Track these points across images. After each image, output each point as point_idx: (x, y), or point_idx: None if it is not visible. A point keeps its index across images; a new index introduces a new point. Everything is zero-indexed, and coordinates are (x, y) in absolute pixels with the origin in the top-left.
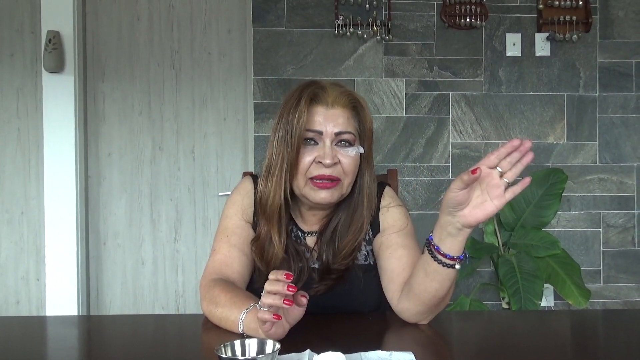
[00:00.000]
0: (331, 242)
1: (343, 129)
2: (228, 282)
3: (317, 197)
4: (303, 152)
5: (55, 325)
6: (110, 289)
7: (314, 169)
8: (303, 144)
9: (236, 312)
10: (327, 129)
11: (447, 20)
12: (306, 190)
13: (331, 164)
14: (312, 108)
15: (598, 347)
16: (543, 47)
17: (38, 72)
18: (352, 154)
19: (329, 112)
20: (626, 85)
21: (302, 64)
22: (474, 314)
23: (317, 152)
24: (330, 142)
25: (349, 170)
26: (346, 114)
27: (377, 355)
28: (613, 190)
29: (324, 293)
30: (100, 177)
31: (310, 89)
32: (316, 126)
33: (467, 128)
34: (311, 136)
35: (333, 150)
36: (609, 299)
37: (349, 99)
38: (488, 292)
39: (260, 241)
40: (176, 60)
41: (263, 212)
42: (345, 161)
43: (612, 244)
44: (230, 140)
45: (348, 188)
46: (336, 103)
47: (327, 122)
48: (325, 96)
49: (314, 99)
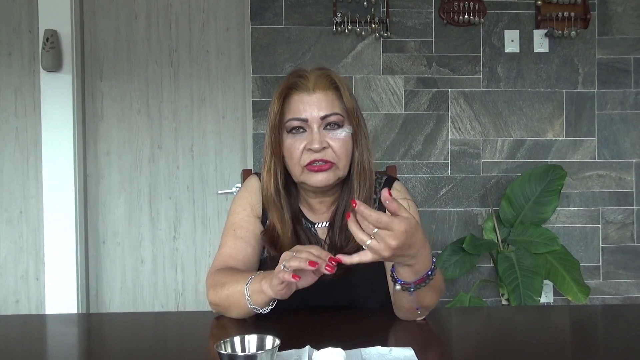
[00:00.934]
0: (342, 227)
1: (328, 111)
2: (233, 269)
3: (315, 180)
4: (293, 141)
5: (55, 324)
6: (110, 288)
7: (305, 157)
8: (292, 133)
9: (242, 282)
10: (312, 115)
11: (446, 17)
12: (303, 177)
13: (320, 148)
14: (293, 96)
15: (597, 342)
16: (541, 43)
17: (36, 71)
18: (341, 136)
19: (311, 97)
20: (625, 82)
21: (300, 61)
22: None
23: (305, 139)
24: (317, 127)
25: (340, 152)
26: (329, 96)
27: (377, 351)
28: (612, 187)
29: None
30: (99, 176)
31: (290, 79)
32: (300, 114)
33: (465, 125)
34: (298, 124)
35: (321, 134)
36: (608, 295)
37: (329, 81)
38: (487, 289)
39: (269, 232)
40: (174, 59)
41: (265, 203)
42: (335, 144)
43: (611, 240)
44: (229, 138)
45: (345, 169)
46: (317, 87)
47: (311, 108)
48: (305, 82)
49: (293, 87)
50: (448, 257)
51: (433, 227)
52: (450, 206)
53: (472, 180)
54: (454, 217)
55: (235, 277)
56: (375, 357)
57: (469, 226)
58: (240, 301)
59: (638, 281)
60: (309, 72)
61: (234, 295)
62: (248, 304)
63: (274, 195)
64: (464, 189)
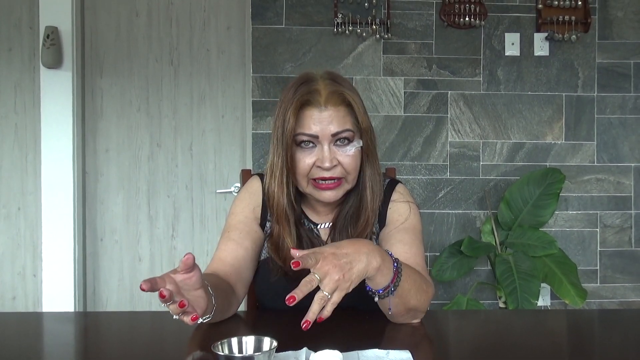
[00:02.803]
0: (344, 230)
1: (340, 128)
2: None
3: (321, 197)
4: (302, 155)
5: (52, 322)
6: (107, 286)
7: (314, 172)
8: (301, 147)
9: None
10: (323, 132)
11: (446, 19)
12: (309, 190)
13: (330, 167)
14: (305, 112)
15: (594, 346)
16: (542, 46)
17: (36, 68)
18: (351, 152)
19: (323, 114)
20: (624, 86)
21: (300, 61)
22: (470, 313)
23: (315, 155)
24: (328, 143)
25: (350, 168)
26: (341, 112)
27: (374, 353)
28: (610, 191)
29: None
30: (98, 174)
31: (302, 91)
32: (311, 130)
33: (465, 127)
34: (308, 139)
35: (332, 152)
36: (605, 299)
37: (342, 98)
38: (485, 292)
39: (274, 239)
40: (175, 57)
41: (272, 213)
42: (345, 161)
43: (609, 244)
44: (228, 137)
45: (353, 182)
46: (329, 103)
47: (323, 125)
48: (317, 97)
49: (305, 104)
50: (446, 259)
51: (431, 229)
52: (448, 208)
53: (470, 183)
54: (453, 220)
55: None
56: (372, 359)
57: (467, 228)
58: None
59: (635, 285)
60: (320, 83)
61: None
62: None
63: (287, 209)
64: (463, 191)
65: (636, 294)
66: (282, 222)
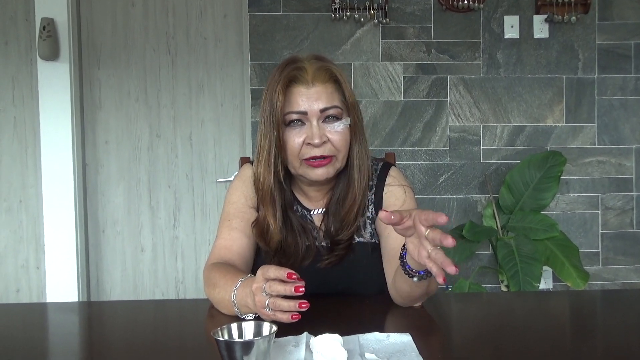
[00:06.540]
0: (337, 214)
1: (328, 104)
2: (226, 264)
3: (314, 175)
4: (292, 134)
5: (56, 312)
6: (110, 276)
7: (305, 151)
8: (290, 126)
9: (230, 290)
10: (311, 108)
11: (445, 2)
12: (302, 170)
13: (320, 143)
14: (292, 89)
15: (596, 327)
16: (541, 29)
17: (33, 60)
18: (339, 128)
19: (310, 90)
20: (625, 67)
21: (298, 48)
22: (472, 296)
23: (305, 133)
24: (316, 120)
25: (339, 145)
26: (328, 88)
27: (375, 337)
28: (612, 173)
29: (332, 269)
30: (98, 165)
31: (288, 70)
32: (300, 107)
33: (465, 111)
34: (296, 117)
35: (320, 129)
36: (607, 280)
37: (329, 74)
38: (487, 275)
39: (259, 223)
40: (172, 46)
41: (257, 195)
42: (334, 137)
43: (610, 226)
44: (227, 126)
45: (343, 161)
46: (316, 80)
47: (310, 101)
48: (304, 75)
49: (292, 80)
50: None
51: None
52: (449, 193)
53: (471, 167)
54: (454, 204)
55: (225, 279)
56: (372, 343)
57: (468, 213)
58: (229, 308)
59: (637, 267)
60: (305, 62)
61: (224, 302)
62: (237, 313)
63: (272, 190)
64: (464, 175)
65: (638, 275)
66: (267, 204)
